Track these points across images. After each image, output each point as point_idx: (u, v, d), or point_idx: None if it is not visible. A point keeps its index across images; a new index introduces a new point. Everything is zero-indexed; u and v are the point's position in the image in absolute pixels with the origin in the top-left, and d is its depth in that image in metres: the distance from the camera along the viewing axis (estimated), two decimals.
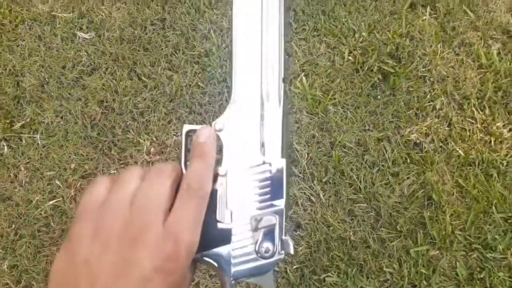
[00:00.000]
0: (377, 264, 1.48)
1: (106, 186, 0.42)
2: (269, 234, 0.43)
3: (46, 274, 1.55)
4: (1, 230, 1.61)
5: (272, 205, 0.43)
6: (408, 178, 1.59)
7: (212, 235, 0.43)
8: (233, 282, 0.43)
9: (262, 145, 0.44)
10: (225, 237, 0.43)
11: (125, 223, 0.39)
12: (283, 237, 0.43)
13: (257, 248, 0.42)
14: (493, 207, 1.51)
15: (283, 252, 0.43)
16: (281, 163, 0.44)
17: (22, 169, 1.70)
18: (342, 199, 1.57)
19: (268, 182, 0.44)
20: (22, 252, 1.58)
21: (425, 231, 1.51)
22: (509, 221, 1.51)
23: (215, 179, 0.44)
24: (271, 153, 0.44)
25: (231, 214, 0.43)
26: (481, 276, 1.43)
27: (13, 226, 1.62)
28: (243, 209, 0.43)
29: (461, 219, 1.52)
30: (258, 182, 0.44)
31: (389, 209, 1.54)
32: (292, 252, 0.43)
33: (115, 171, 1.67)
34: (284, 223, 0.43)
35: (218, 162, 0.44)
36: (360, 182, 1.59)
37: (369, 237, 1.51)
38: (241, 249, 0.43)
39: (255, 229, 0.43)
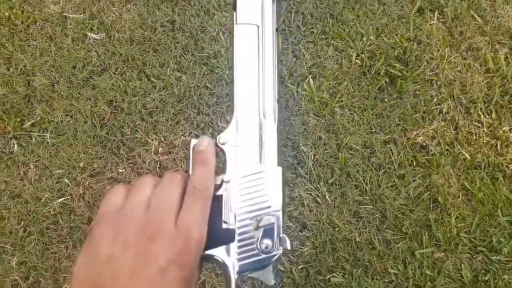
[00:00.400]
0: (382, 265, 1.49)
1: (123, 193, 0.47)
2: (268, 232, 0.48)
3: (54, 271, 1.57)
4: (10, 227, 1.64)
5: (270, 207, 0.49)
6: (414, 180, 1.60)
7: (218, 235, 0.48)
8: (237, 276, 0.47)
9: (261, 155, 0.51)
10: (229, 236, 0.49)
11: (142, 224, 0.44)
12: (281, 235, 0.48)
13: (258, 245, 0.48)
14: (499, 210, 1.52)
15: (281, 247, 0.48)
16: (278, 170, 0.51)
17: (32, 167, 1.73)
18: (348, 201, 1.58)
19: (267, 187, 0.50)
20: (31, 249, 1.60)
21: (430, 233, 1.52)
22: None
23: (220, 186, 0.50)
24: (268, 162, 0.51)
25: (235, 216, 0.49)
26: (486, 279, 1.43)
27: (22, 223, 1.64)
28: (245, 211, 0.49)
29: (466, 221, 1.52)
30: (258, 187, 0.50)
31: (394, 211, 1.55)
32: (289, 247, 0.48)
33: (123, 170, 1.69)
34: (281, 222, 0.49)
35: (223, 170, 0.51)
36: (366, 184, 1.60)
37: (375, 239, 1.52)
38: (244, 246, 0.48)
39: (256, 228, 0.48)
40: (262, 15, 0.55)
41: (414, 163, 1.63)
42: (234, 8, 0.55)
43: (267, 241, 0.48)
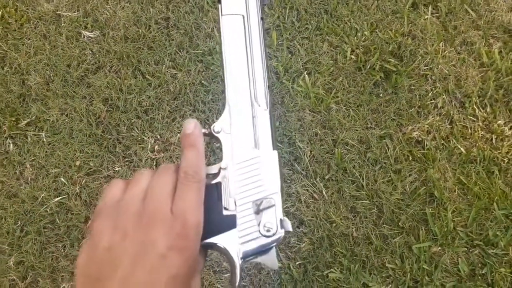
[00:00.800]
0: (379, 260, 1.49)
1: (121, 187, 0.48)
2: (269, 215, 0.49)
3: (52, 271, 1.57)
4: (7, 227, 1.63)
5: (269, 190, 0.50)
6: (410, 175, 1.60)
7: (220, 222, 0.49)
8: (241, 262, 0.48)
9: (255, 141, 0.52)
10: (231, 222, 0.49)
11: (139, 213, 0.45)
12: (282, 217, 0.49)
13: (260, 229, 0.48)
14: (495, 204, 1.53)
15: (283, 230, 0.48)
16: (273, 154, 0.51)
17: (28, 166, 1.72)
18: (345, 196, 1.59)
19: (264, 171, 0.51)
20: (28, 249, 1.60)
21: (427, 227, 1.52)
22: (510, 217, 1.52)
23: (218, 174, 0.51)
24: (264, 147, 0.52)
25: (235, 202, 0.49)
26: (483, 272, 1.44)
27: (19, 223, 1.64)
28: (244, 196, 0.50)
29: (462, 215, 1.53)
30: (255, 172, 0.51)
31: (391, 206, 1.56)
32: (290, 229, 0.48)
33: (120, 168, 1.69)
34: (281, 205, 0.49)
35: (220, 158, 0.52)
36: (363, 179, 1.60)
37: (372, 234, 1.53)
38: (246, 230, 0.48)
39: (257, 212, 0.49)
40: (246, 6, 0.56)
41: (410, 158, 1.63)
42: (219, 1, 0.57)
43: (268, 224, 0.48)
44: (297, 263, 1.51)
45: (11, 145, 1.75)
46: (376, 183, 1.60)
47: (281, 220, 0.48)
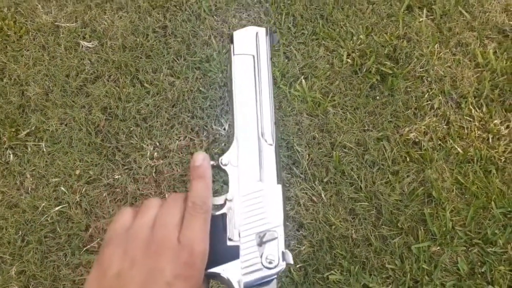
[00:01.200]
0: (379, 261, 1.50)
1: (130, 215, 0.50)
2: (271, 248, 0.50)
3: (54, 279, 1.57)
4: (8, 237, 1.64)
5: (272, 223, 0.51)
6: (408, 176, 1.61)
7: (223, 252, 0.50)
8: None
9: (261, 174, 0.53)
10: (234, 253, 0.50)
11: (147, 241, 0.47)
12: (284, 250, 0.50)
13: (262, 260, 0.49)
14: (493, 203, 1.53)
15: (284, 262, 0.49)
16: (278, 188, 0.53)
17: (28, 176, 1.73)
18: (344, 198, 1.59)
19: (268, 204, 0.52)
20: (30, 258, 1.60)
21: (425, 227, 1.53)
22: (508, 215, 1.52)
23: (224, 205, 0.52)
24: (268, 180, 0.53)
25: (239, 233, 0.51)
26: (482, 271, 1.45)
27: (20, 232, 1.65)
28: (248, 227, 0.51)
29: (461, 215, 1.54)
30: (260, 205, 0.52)
31: (390, 207, 1.56)
32: (292, 262, 0.49)
33: (120, 176, 1.70)
34: (284, 238, 0.50)
35: (225, 190, 0.54)
36: (361, 181, 1.61)
37: (371, 235, 1.53)
38: (248, 261, 0.50)
39: (260, 244, 0.50)
40: (257, 46, 0.59)
41: (408, 159, 1.64)
42: (231, 41, 0.59)
43: (270, 256, 0.49)
44: (298, 266, 1.52)
45: (11, 155, 1.77)
46: (375, 185, 1.60)
47: (283, 253, 0.50)
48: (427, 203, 1.57)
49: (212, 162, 0.53)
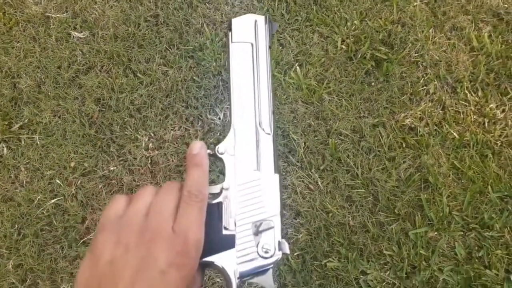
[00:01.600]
0: (376, 247, 1.50)
1: (124, 202, 0.49)
2: (267, 237, 0.50)
3: (51, 272, 1.57)
4: (5, 231, 1.63)
5: (268, 212, 0.51)
6: (404, 162, 1.61)
7: (219, 241, 0.50)
8: (238, 281, 0.48)
9: (258, 164, 0.53)
10: (230, 242, 0.50)
11: (141, 229, 0.46)
12: (280, 240, 0.50)
13: (258, 250, 0.49)
14: (489, 187, 1.53)
15: (280, 252, 0.49)
16: (275, 177, 0.53)
17: (23, 169, 1.72)
18: (340, 186, 1.59)
19: (265, 193, 0.52)
20: (26, 251, 1.60)
21: (422, 213, 1.53)
22: (505, 200, 1.53)
23: (220, 193, 0.52)
24: (265, 169, 0.53)
25: (235, 222, 0.50)
26: (480, 255, 1.45)
27: (16, 226, 1.64)
28: (244, 216, 0.51)
29: (457, 200, 1.54)
30: (256, 194, 0.52)
31: (386, 193, 1.56)
32: (288, 252, 0.49)
33: (115, 167, 1.69)
34: (280, 227, 0.50)
35: (222, 179, 0.53)
36: (357, 168, 1.61)
37: (368, 222, 1.53)
38: (244, 251, 0.49)
39: (256, 234, 0.50)
40: (255, 34, 0.58)
41: (404, 145, 1.64)
42: (230, 28, 0.59)
43: (266, 246, 0.49)
44: (295, 254, 1.52)
45: (5, 149, 1.75)
46: (371, 172, 1.60)
47: (279, 242, 0.49)
48: (424, 189, 1.57)
49: (208, 151, 0.52)
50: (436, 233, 1.50)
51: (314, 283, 1.47)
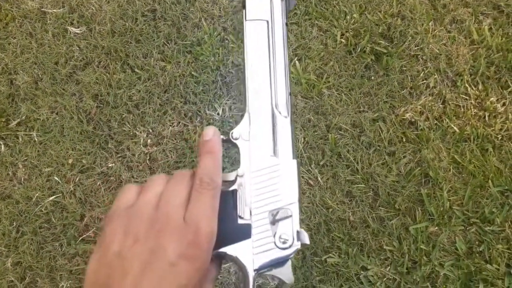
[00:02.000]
0: (377, 242, 1.49)
1: (135, 192, 0.48)
2: (285, 226, 0.46)
3: (50, 270, 1.56)
4: (3, 228, 1.62)
5: (286, 200, 0.48)
6: (404, 156, 1.60)
7: (234, 231, 0.47)
8: (255, 274, 0.46)
9: (275, 149, 0.50)
10: (245, 232, 0.47)
11: (151, 219, 0.44)
12: (299, 229, 0.46)
13: (275, 240, 0.46)
14: (490, 181, 1.53)
15: (299, 242, 0.46)
16: (293, 163, 0.49)
17: (20, 166, 1.71)
18: (340, 181, 1.58)
19: (282, 180, 0.49)
20: (25, 249, 1.59)
21: (423, 208, 1.52)
22: (505, 194, 1.52)
23: (234, 181, 0.49)
24: (283, 155, 0.50)
25: (250, 211, 0.48)
26: (480, 249, 1.45)
27: (15, 223, 1.63)
28: (260, 205, 0.48)
29: (458, 194, 1.53)
30: (273, 181, 0.49)
31: (386, 188, 1.56)
32: (308, 242, 0.46)
33: (113, 164, 1.68)
34: (298, 216, 0.47)
35: (237, 165, 0.50)
36: (357, 163, 1.60)
37: (368, 217, 1.53)
38: (260, 241, 0.46)
39: (273, 222, 0.47)
40: (271, 11, 0.55)
41: (404, 140, 1.63)
42: (244, 6, 0.55)
43: (284, 236, 0.46)
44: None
45: (3, 146, 1.74)
46: (371, 166, 1.59)
47: (298, 232, 0.46)
48: (424, 184, 1.56)
49: (222, 137, 0.50)
50: (436, 228, 1.49)
51: (315, 279, 1.47)
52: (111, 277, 0.42)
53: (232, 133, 0.51)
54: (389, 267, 1.46)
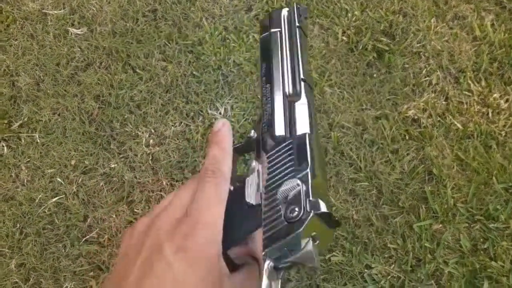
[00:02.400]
0: (381, 241, 1.49)
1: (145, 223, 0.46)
2: (294, 198, 0.41)
3: (54, 271, 1.56)
4: (6, 230, 1.62)
5: (298, 172, 0.42)
6: (407, 154, 1.59)
7: (244, 222, 0.45)
8: (269, 261, 0.39)
9: (288, 126, 0.47)
10: (258, 221, 0.43)
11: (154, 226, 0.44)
12: (311, 198, 0.40)
13: (284, 214, 0.40)
14: (494, 178, 1.52)
15: (312, 211, 0.38)
16: (303, 135, 0.45)
17: (23, 168, 1.71)
18: (343, 179, 1.58)
19: (293, 153, 0.44)
20: (29, 251, 1.59)
21: (427, 205, 1.51)
22: (510, 190, 1.51)
23: (249, 168, 0.48)
24: (299, 131, 0.46)
25: (261, 195, 0.44)
26: (485, 247, 1.44)
27: (18, 225, 1.63)
28: (272, 186, 0.43)
29: (462, 191, 1.52)
30: (285, 156, 0.45)
31: (390, 186, 1.55)
32: (325, 210, 0.39)
33: (116, 164, 1.67)
34: (311, 187, 0.41)
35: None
36: (360, 161, 1.59)
37: (372, 215, 1.52)
38: (269, 218, 0.41)
39: (284, 201, 0.41)
40: (283, 22, 0.56)
41: (407, 137, 1.62)
42: (260, 30, 0.57)
43: (292, 207, 0.39)
44: None
45: (5, 148, 1.74)
46: (374, 164, 1.58)
47: (309, 201, 0.39)
48: (428, 181, 1.55)
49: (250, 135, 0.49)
50: (440, 225, 1.48)
51: (318, 277, 1.46)
52: (120, 284, 0.42)
53: (251, 134, 0.51)
54: (393, 265, 1.45)
